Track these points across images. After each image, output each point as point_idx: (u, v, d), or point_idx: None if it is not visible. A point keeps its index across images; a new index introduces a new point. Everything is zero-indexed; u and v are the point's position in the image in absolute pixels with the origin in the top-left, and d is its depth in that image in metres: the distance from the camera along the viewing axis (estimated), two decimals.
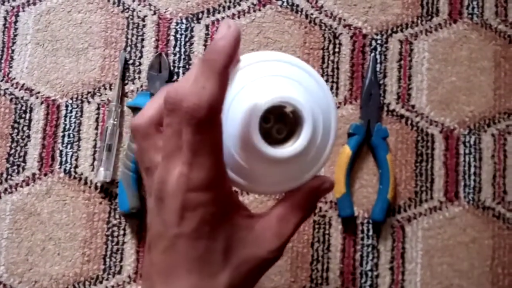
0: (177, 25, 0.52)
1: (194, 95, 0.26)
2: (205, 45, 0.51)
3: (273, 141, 0.30)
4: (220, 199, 0.28)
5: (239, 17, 0.52)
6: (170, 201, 0.27)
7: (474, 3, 0.53)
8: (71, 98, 0.51)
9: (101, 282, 0.48)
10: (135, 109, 0.48)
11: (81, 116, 0.50)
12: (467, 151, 0.51)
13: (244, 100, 0.29)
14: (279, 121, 0.31)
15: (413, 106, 0.51)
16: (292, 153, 0.30)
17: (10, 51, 0.51)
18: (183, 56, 0.51)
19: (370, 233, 0.50)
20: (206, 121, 0.26)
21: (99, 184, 0.49)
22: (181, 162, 0.27)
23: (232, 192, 0.30)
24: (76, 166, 0.50)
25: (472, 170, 0.51)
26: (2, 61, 0.51)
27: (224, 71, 0.27)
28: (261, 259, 0.29)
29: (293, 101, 0.29)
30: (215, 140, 0.27)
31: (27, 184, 0.49)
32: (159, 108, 0.29)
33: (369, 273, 0.49)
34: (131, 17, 0.52)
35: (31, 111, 0.50)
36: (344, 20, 0.52)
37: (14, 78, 0.51)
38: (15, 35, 0.51)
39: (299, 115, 0.30)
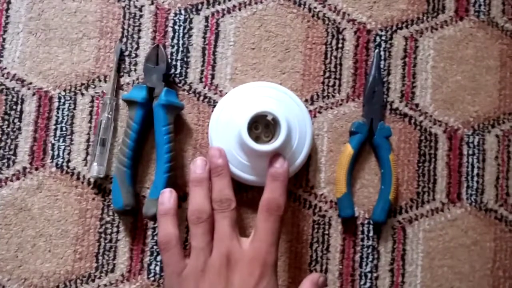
0: (175, 16, 0.50)
1: (283, 203, 0.41)
2: (204, 37, 0.50)
3: (263, 143, 0.43)
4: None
5: (239, 9, 0.50)
6: (248, 266, 0.40)
7: (481, 0, 0.52)
8: (64, 90, 0.49)
9: (93, 281, 0.47)
10: (131, 103, 0.46)
11: (74, 108, 0.48)
12: (470, 151, 0.50)
13: (240, 113, 0.43)
14: (266, 129, 0.45)
15: (417, 105, 0.50)
16: (273, 147, 0.42)
17: (1, 40, 0.49)
18: (181, 49, 0.49)
19: (371, 234, 0.48)
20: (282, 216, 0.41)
21: (92, 180, 0.48)
22: (264, 242, 0.40)
23: None
24: (68, 161, 0.48)
25: (475, 171, 0.50)
26: None
27: (286, 187, 0.42)
28: None
29: (271, 111, 0.42)
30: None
31: (18, 179, 0.47)
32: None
33: (369, 275, 0.48)
34: (127, 6, 0.50)
35: (22, 102, 0.48)
36: (348, 14, 0.51)
37: (5, 68, 0.49)
38: (7, 23, 0.49)
39: (278, 121, 0.42)
